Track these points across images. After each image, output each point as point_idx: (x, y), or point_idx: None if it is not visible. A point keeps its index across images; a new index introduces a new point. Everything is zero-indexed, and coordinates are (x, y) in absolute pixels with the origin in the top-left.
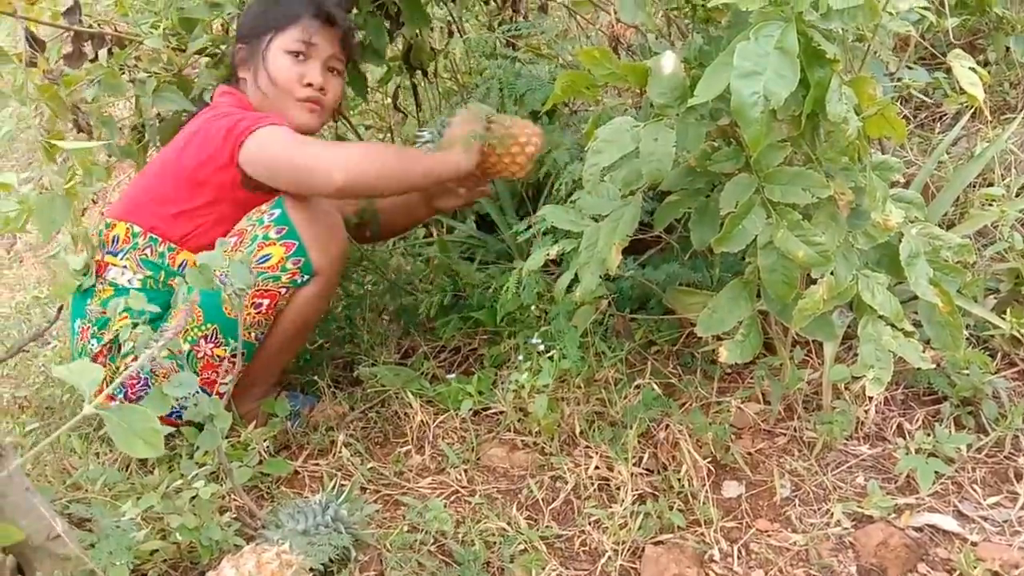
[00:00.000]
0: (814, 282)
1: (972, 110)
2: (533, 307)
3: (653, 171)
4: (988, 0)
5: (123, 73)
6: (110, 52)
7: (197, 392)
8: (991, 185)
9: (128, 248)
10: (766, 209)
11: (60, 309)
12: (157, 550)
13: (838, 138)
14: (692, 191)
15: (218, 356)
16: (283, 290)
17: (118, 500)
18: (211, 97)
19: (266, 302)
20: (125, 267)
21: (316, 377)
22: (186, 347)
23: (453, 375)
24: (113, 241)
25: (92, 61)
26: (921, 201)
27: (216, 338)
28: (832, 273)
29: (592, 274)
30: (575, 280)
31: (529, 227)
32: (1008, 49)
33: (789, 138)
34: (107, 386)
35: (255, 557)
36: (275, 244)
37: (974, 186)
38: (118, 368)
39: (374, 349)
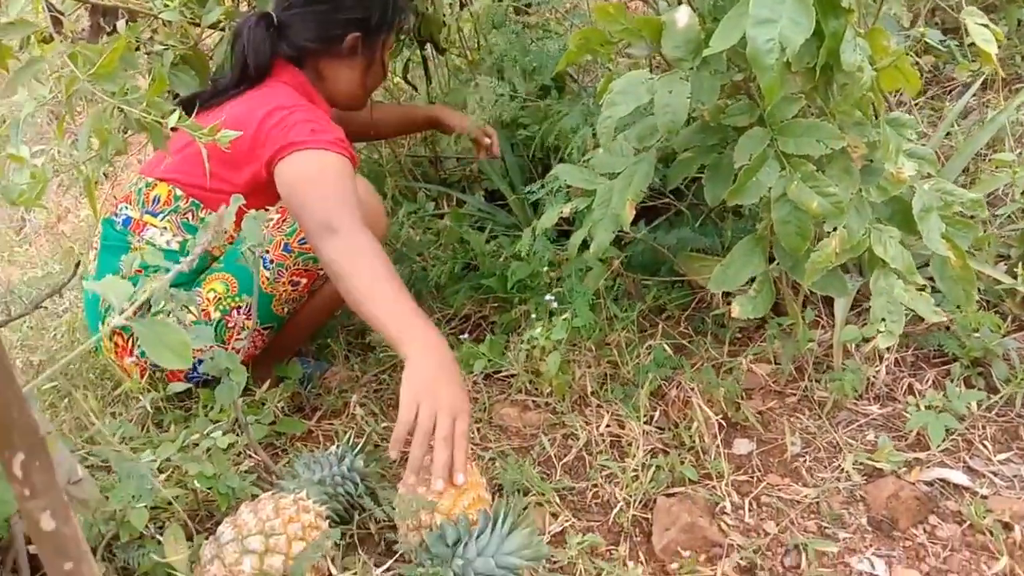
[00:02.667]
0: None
1: (983, 79)
2: (544, 272)
3: (668, 123)
4: None
5: (138, 48)
6: (127, 25)
7: (213, 346)
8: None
9: (169, 210)
10: (780, 161)
11: (77, 266)
12: (175, 498)
13: (852, 91)
14: (705, 148)
15: (248, 327)
16: (322, 271)
17: (135, 453)
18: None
19: (304, 281)
20: (165, 228)
21: (330, 341)
22: (217, 315)
23: (465, 337)
24: (154, 201)
25: (109, 34)
26: (933, 157)
27: (248, 311)
28: (845, 226)
29: (606, 230)
30: (588, 239)
31: (542, 187)
32: (1020, 22)
33: (803, 91)
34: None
35: (273, 503)
36: None
37: (984, 157)
38: None
39: None
